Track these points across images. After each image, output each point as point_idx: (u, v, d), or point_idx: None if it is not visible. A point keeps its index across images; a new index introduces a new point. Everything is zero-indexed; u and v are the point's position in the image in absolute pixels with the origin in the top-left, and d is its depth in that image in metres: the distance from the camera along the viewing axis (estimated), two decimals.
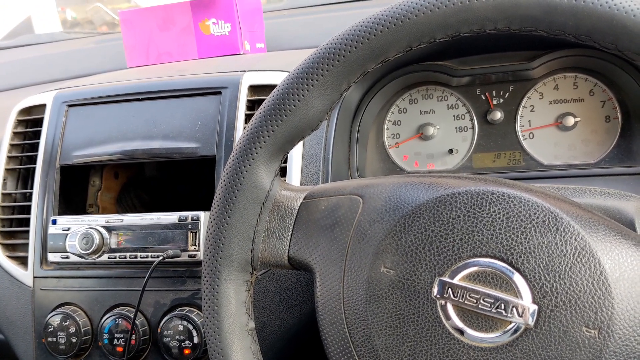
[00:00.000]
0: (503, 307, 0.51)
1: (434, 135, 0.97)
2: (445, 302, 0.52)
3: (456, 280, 0.52)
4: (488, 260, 0.52)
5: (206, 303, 0.60)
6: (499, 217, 0.52)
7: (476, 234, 0.52)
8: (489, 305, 0.51)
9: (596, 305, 0.49)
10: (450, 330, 0.52)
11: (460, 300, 0.52)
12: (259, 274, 0.81)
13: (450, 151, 0.96)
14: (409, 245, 0.54)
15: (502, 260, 0.51)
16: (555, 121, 0.91)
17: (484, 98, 0.95)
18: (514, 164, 0.93)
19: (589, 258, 0.50)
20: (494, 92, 0.95)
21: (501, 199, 0.53)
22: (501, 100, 0.94)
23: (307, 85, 0.56)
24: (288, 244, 0.60)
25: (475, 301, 0.51)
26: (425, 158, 0.98)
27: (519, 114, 0.93)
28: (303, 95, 0.56)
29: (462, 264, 0.52)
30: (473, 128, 0.96)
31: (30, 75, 1.37)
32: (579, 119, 0.90)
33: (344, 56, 0.54)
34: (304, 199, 0.61)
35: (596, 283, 0.49)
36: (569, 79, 0.91)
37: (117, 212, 1.06)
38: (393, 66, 0.95)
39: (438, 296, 0.52)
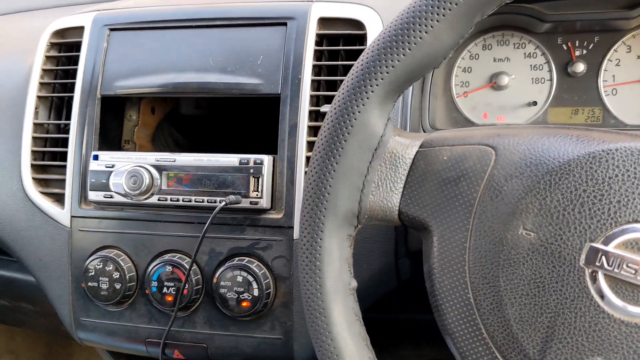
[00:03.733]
0: None
1: (507, 86, 0.90)
2: (596, 272, 0.47)
3: (611, 248, 0.46)
4: None
5: (307, 258, 0.53)
6: None
7: (637, 197, 0.46)
8: None
9: None
10: (600, 303, 0.47)
11: (615, 270, 0.46)
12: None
13: (534, 103, 0.89)
14: (555, 205, 0.48)
15: None
16: None
17: (565, 48, 0.88)
18: (592, 122, 0.87)
19: None
20: (577, 42, 0.88)
21: None
22: (584, 52, 0.87)
23: (437, 15, 0.49)
24: (400, 197, 0.54)
25: (634, 272, 0.46)
26: (497, 110, 0.91)
27: (603, 67, 0.87)
28: (432, 27, 0.49)
29: (618, 229, 0.47)
30: (551, 80, 0.89)
31: None
32: None
33: None
34: (420, 147, 0.54)
35: None
36: None
37: (154, 151, 0.97)
38: None
39: (587, 264, 0.47)
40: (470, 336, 0.50)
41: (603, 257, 0.46)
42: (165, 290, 0.79)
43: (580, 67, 0.87)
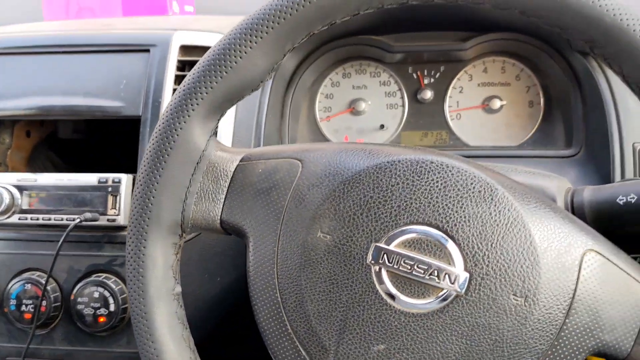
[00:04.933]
0: (436, 274, 0.51)
1: (365, 111, 0.97)
2: (380, 268, 0.52)
3: (392, 247, 0.52)
4: (424, 228, 0.52)
5: (131, 265, 0.57)
6: (437, 186, 0.53)
7: (414, 202, 0.53)
8: (422, 272, 0.51)
9: (524, 274, 0.51)
10: (383, 295, 0.52)
11: (394, 266, 0.52)
12: (189, 237, 0.79)
13: (382, 127, 0.96)
14: (347, 211, 0.54)
15: (437, 228, 0.52)
16: (482, 103, 0.94)
17: (415, 77, 0.96)
18: (441, 143, 0.95)
19: (520, 229, 0.51)
20: (425, 71, 0.96)
21: (439, 168, 0.53)
22: (432, 80, 0.96)
23: (251, 42, 0.54)
24: (221, 206, 0.58)
25: (409, 267, 0.52)
26: (356, 133, 0.98)
27: (448, 94, 0.95)
28: (246, 52, 0.54)
29: (398, 230, 0.52)
30: (403, 106, 0.97)
31: None
32: (504, 102, 0.93)
33: (290, 14, 0.53)
34: (240, 161, 0.59)
35: (525, 253, 0.51)
36: (498, 63, 0.93)
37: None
38: (328, 38, 0.94)
39: (373, 262, 0.52)
40: (278, 333, 0.55)
41: (385, 256, 0.52)
42: (23, 307, 0.80)
43: (428, 94, 0.95)
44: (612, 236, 0.63)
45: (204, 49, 0.86)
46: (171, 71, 0.84)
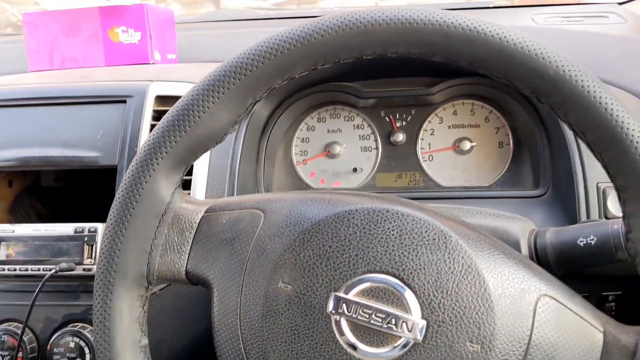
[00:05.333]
0: (394, 322, 0.52)
1: (340, 154, 0.99)
2: (340, 318, 0.53)
3: (350, 296, 0.53)
4: (381, 276, 0.53)
5: (97, 318, 0.58)
6: (393, 234, 0.54)
7: (371, 250, 0.54)
8: (380, 320, 0.52)
9: (479, 320, 0.52)
10: (344, 345, 0.53)
11: (353, 315, 0.53)
12: (157, 289, 0.80)
13: (355, 170, 0.98)
14: (306, 260, 0.55)
15: (394, 276, 0.53)
16: (453, 145, 0.96)
17: (387, 120, 0.99)
18: (414, 185, 0.97)
19: (475, 275, 0.52)
20: (397, 114, 0.98)
21: (395, 216, 0.55)
22: (404, 123, 0.98)
23: (212, 98, 0.56)
24: (186, 258, 0.60)
25: (367, 316, 0.53)
26: (332, 176, 1.00)
27: (420, 136, 0.97)
28: (208, 108, 0.56)
29: (356, 279, 0.54)
30: (377, 148, 0.99)
31: None
32: (474, 143, 0.95)
33: (250, 71, 0.55)
34: (205, 212, 0.61)
35: (480, 299, 0.52)
36: (467, 105, 0.96)
37: (10, 223, 1.00)
38: (302, 85, 0.96)
39: (333, 311, 0.53)
40: None
41: (344, 305, 0.53)
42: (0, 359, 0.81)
43: (400, 137, 0.97)
44: (574, 276, 0.64)
45: (179, 98, 0.89)
46: (147, 121, 0.86)
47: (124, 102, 0.88)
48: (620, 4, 1.21)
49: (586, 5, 1.23)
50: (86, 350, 0.79)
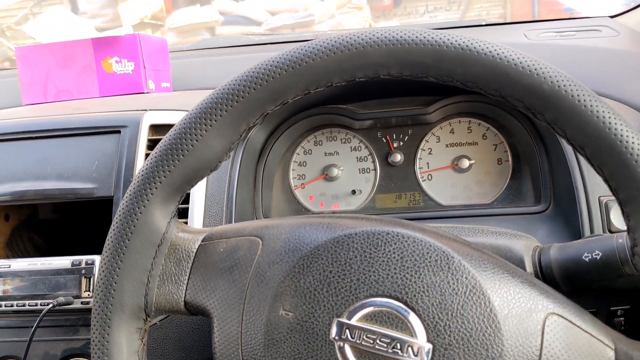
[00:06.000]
0: (399, 347, 0.51)
1: (338, 177, 0.99)
2: (343, 344, 0.52)
3: (353, 321, 0.52)
4: (384, 300, 0.52)
5: (95, 353, 0.56)
6: (394, 257, 0.53)
7: (372, 274, 0.53)
8: (385, 345, 0.51)
9: (487, 342, 0.50)
10: None
11: (357, 341, 0.51)
12: (156, 320, 0.78)
13: (354, 192, 0.97)
14: (307, 286, 0.54)
15: (397, 299, 0.52)
16: (451, 163, 0.95)
17: (384, 141, 0.98)
18: (414, 204, 0.96)
19: (480, 296, 0.51)
20: (394, 135, 0.98)
21: (396, 239, 0.54)
22: (401, 143, 0.98)
23: (205, 125, 0.55)
24: (185, 288, 0.58)
25: (372, 342, 0.51)
26: (330, 198, 0.99)
27: (418, 156, 0.97)
28: (201, 136, 0.55)
29: (359, 304, 0.52)
30: (375, 169, 0.98)
31: None
32: (473, 161, 0.94)
33: (242, 97, 0.54)
34: (202, 241, 0.60)
35: (486, 320, 0.51)
36: (464, 124, 0.95)
37: (7, 257, 0.99)
38: (298, 108, 0.96)
39: (336, 338, 0.52)
40: None
41: (347, 330, 0.52)
42: None
43: (398, 157, 0.96)
44: (581, 292, 0.63)
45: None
46: (142, 150, 0.86)
47: (119, 132, 0.87)
48: (612, 17, 1.21)
49: (578, 19, 1.23)
50: None
